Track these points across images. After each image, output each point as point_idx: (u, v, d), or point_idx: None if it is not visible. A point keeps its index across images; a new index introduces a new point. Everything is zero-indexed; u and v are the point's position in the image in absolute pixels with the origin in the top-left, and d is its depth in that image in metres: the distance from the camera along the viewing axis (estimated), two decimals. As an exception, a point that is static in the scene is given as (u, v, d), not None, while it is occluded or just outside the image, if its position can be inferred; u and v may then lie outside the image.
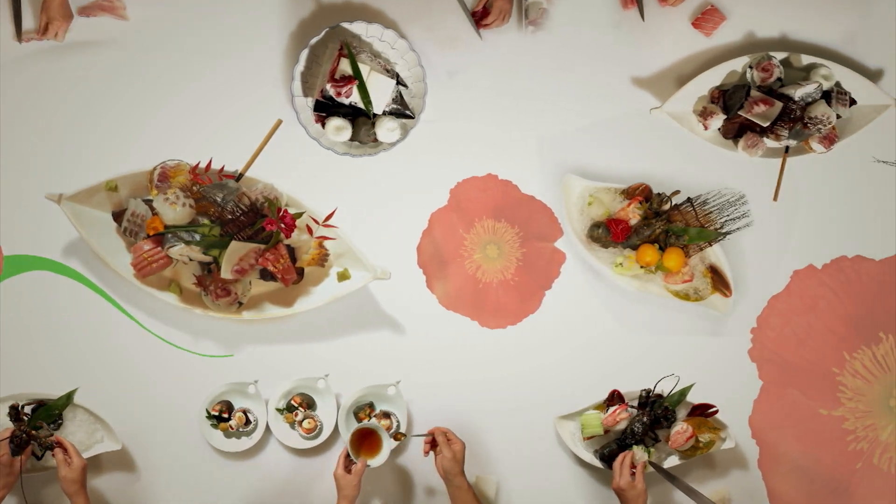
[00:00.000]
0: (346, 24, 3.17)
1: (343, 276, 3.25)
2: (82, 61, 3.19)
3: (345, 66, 3.14)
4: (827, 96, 3.16)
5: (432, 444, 3.09)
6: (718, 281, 3.23)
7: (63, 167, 3.20)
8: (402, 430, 3.22)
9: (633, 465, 3.05)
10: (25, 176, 3.19)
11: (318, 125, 3.21)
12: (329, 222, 3.15)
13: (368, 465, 3.06)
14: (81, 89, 3.21)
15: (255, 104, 3.24)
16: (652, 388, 3.21)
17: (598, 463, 3.21)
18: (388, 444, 3.08)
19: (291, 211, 3.12)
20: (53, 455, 3.02)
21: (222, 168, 3.16)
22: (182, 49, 3.23)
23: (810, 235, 3.29)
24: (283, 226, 3.09)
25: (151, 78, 3.24)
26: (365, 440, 3.12)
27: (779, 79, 3.17)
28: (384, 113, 3.19)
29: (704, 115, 3.18)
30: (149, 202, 3.13)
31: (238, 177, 3.17)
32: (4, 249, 3.19)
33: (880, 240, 3.29)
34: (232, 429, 3.24)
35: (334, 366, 3.27)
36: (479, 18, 3.11)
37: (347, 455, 3.05)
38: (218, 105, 3.24)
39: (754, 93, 3.13)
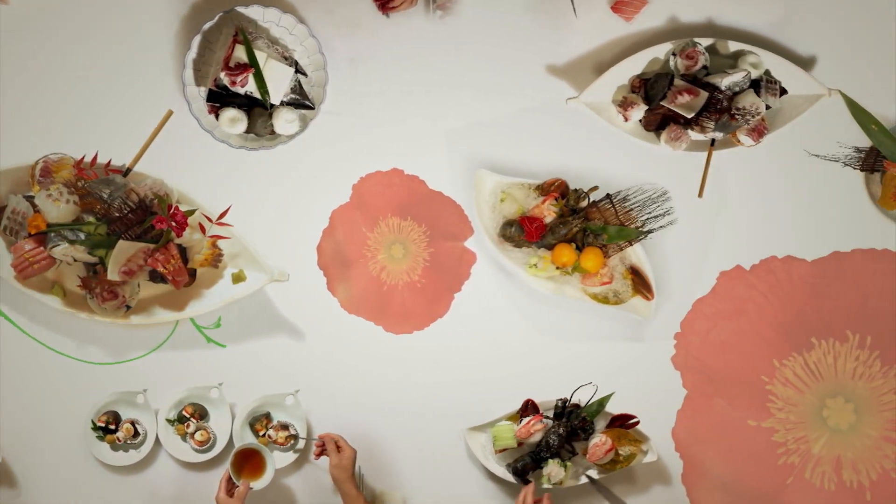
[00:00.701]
0: (241, 9, 3.09)
1: (238, 278, 3.17)
2: (-42, 47, 3.04)
3: (240, 54, 3.06)
4: (756, 85, 3.08)
5: (323, 448, 3.06)
6: (639, 283, 3.16)
7: (-63, 161, 3.03)
8: (300, 446, 3.18)
9: (535, 500, 2.97)
10: None
11: (212, 116, 3.13)
12: (223, 220, 3.08)
13: (251, 488, 2.99)
14: (-43, 77, 3.05)
15: (144, 94, 3.16)
16: (568, 398, 3.14)
17: (510, 477, 3.14)
18: (272, 465, 3.03)
19: (183, 208, 3.05)
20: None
21: (109, 162, 3.10)
22: (66, 33, 3.15)
23: (738, 234, 3.22)
24: (173, 224, 3.03)
25: (33, 65, 3.15)
26: (248, 461, 3.07)
27: (704, 67, 3.09)
28: (282, 103, 3.12)
29: (625, 105, 3.11)
30: (30, 199, 3.06)
31: (126, 171, 3.11)
32: None
33: (812, 239, 3.21)
34: (119, 441, 3.16)
35: (229, 374, 3.20)
36: (384, 1, 2.92)
37: (229, 478, 3.00)
38: (104, 95, 3.16)
39: (678, 82, 3.06)
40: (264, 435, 3.16)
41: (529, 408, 3.15)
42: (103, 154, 3.09)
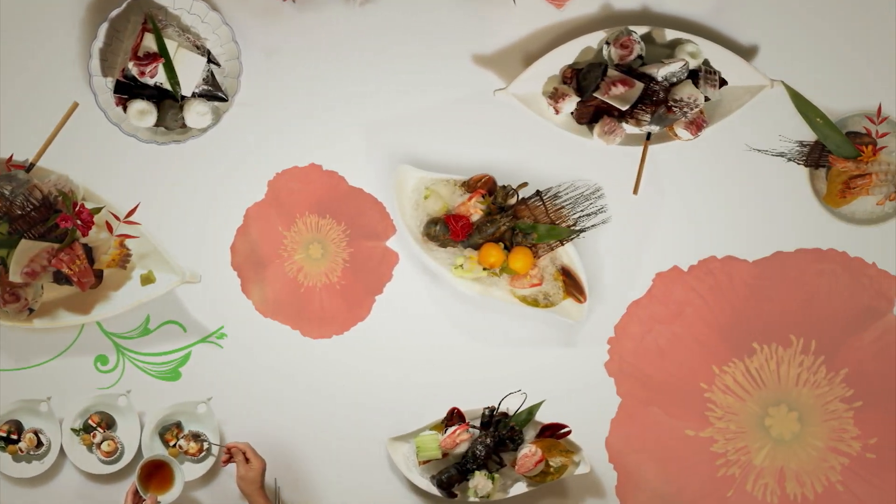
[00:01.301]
0: (150, -6, 2.99)
1: (147, 280, 3.11)
2: None
3: (149, 43, 3.01)
4: (694, 76, 3.03)
5: (231, 457, 3.01)
6: (571, 285, 3.11)
7: None
8: (214, 452, 3.13)
9: None
10: None
11: (119, 109, 3.07)
12: (131, 219, 3.04)
13: (159, 502, 2.95)
14: None
15: (48, 85, 3.10)
16: (496, 406, 3.08)
17: (434, 490, 3.08)
18: (181, 478, 2.99)
19: (89, 206, 3.00)
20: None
21: (10, 157, 3.04)
22: (-35, 21, 3.03)
23: (675, 233, 3.16)
24: (79, 222, 2.97)
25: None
26: (156, 473, 3.02)
27: (639, 56, 3.05)
28: (194, 95, 3.06)
29: (555, 97, 3.05)
30: (-73, 196, 2.96)
31: (28, 167, 3.05)
32: None
33: (754, 239, 3.16)
34: (21, 452, 3.10)
35: (137, 381, 3.15)
36: None
37: (136, 491, 2.95)
38: (5, 85, 3.09)
39: (612, 72, 3.01)
40: (175, 445, 3.10)
41: (455, 416, 3.09)
42: (4, 148, 3.05)
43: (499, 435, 3.07)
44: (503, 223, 3.08)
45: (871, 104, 3.12)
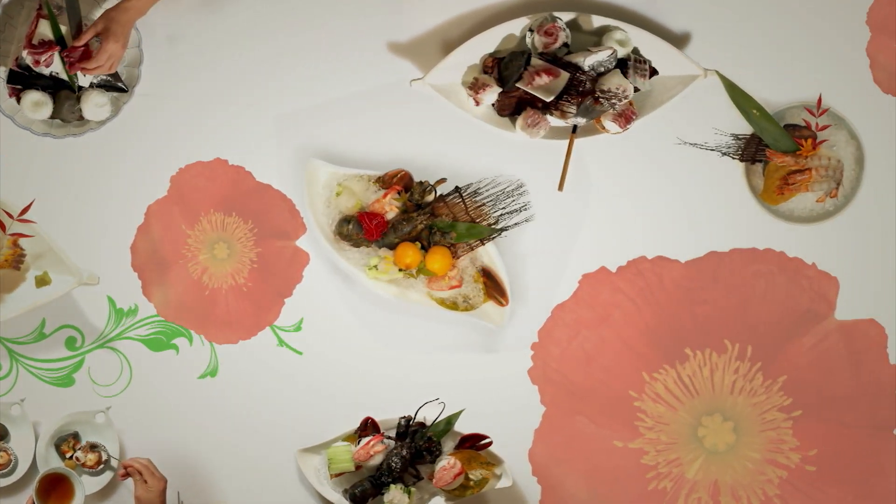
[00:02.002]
0: (45, -21, 2.98)
1: (42, 281, 3.06)
2: None
3: (44, 30, 2.97)
4: (622, 65, 3.00)
5: (129, 472, 2.96)
6: (492, 287, 3.07)
7: None
8: (114, 465, 3.08)
9: None
10: None
11: (13, 100, 3.04)
12: (25, 216, 3.02)
13: None
14: None
15: None
16: (413, 416, 3.05)
17: None
18: (81, 492, 2.94)
19: None
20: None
21: None
22: None
23: (603, 232, 3.13)
24: None
25: None
26: (55, 487, 2.97)
27: (565, 44, 3.02)
28: (91, 85, 3.03)
29: (476, 87, 3.02)
30: None
31: None
32: None
33: (686, 238, 3.12)
34: None
35: (32, 388, 3.10)
36: (74, 58, 2.92)
37: None
38: None
39: (535, 61, 2.98)
40: (72, 457, 3.05)
41: (369, 427, 3.05)
42: None
43: (415, 446, 3.03)
44: (420, 221, 3.04)
45: (811, 95, 3.08)
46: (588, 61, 2.98)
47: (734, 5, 3.09)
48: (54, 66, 2.97)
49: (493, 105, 3.05)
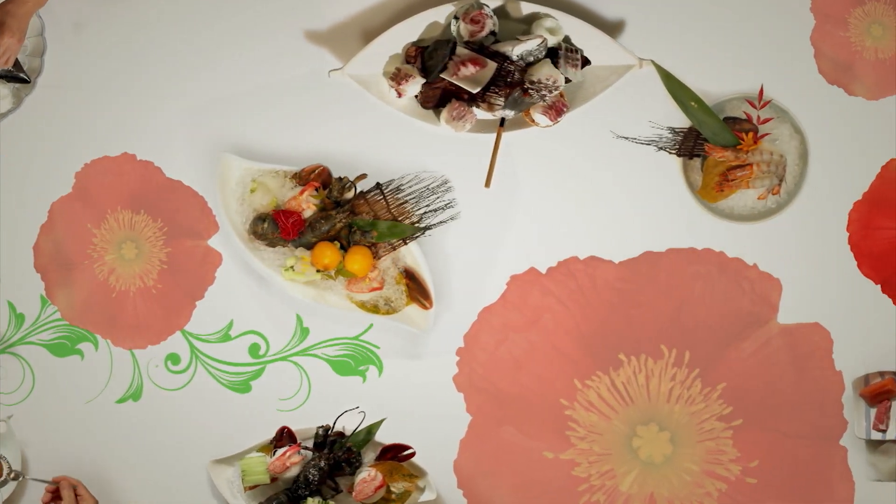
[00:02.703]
0: (-58, -37, 2.99)
1: None
2: None
3: None
4: (553, 55, 2.99)
5: (55, 495, 2.91)
6: (415, 289, 3.06)
7: None
8: (18, 479, 3.04)
9: None
10: None
11: None
12: None
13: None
14: None
15: None
16: (331, 425, 3.02)
17: None
18: None
19: None
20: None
21: None
22: None
23: (532, 231, 3.11)
24: None
25: None
26: None
27: (492, 33, 3.00)
28: None
29: (398, 78, 3.00)
30: None
31: None
32: None
33: (620, 237, 3.10)
34: None
35: None
36: None
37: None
38: None
39: (461, 50, 2.96)
40: None
41: (285, 437, 3.03)
42: None
43: (334, 457, 2.99)
44: (339, 220, 3.02)
45: (752, 86, 3.06)
46: (517, 50, 2.96)
47: (671, -8, 3.11)
48: (-49, 58, 2.97)
49: (416, 97, 3.04)
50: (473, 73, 2.94)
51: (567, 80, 2.97)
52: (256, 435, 3.04)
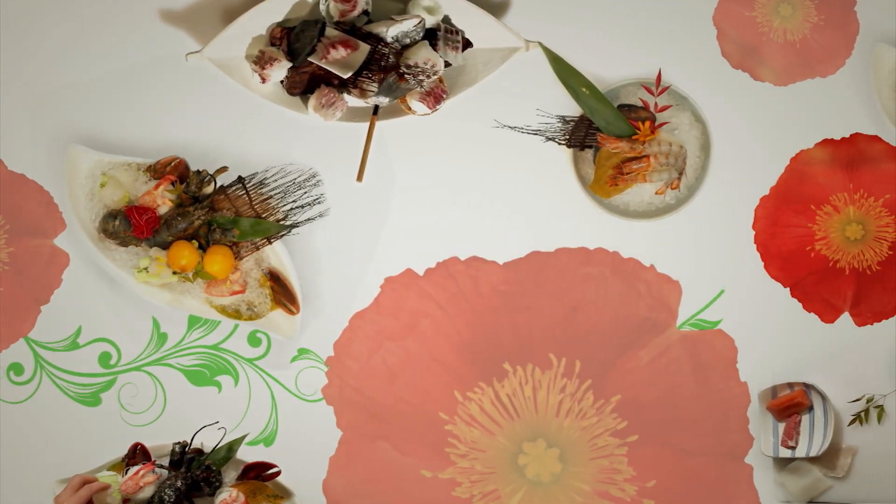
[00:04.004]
0: None
1: None
2: None
3: None
4: (431, 36, 3.03)
5: None
6: (281, 292, 3.09)
7: None
8: None
9: None
10: None
11: None
12: None
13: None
14: None
15: None
16: (189, 441, 3.03)
17: None
18: None
19: None
20: None
21: None
22: None
23: (409, 229, 3.15)
24: None
25: None
26: None
27: (365, 12, 3.04)
28: None
29: (262, 62, 3.02)
30: None
31: None
32: None
33: (505, 236, 3.14)
34: None
35: None
36: None
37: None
38: None
39: (331, 31, 3.00)
40: None
41: (138, 453, 3.03)
42: None
43: (192, 476, 3.01)
44: (197, 217, 3.05)
45: (649, 71, 3.11)
46: (391, 32, 3.00)
47: (560, -33, 3.20)
48: None
49: (281, 82, 3.08)
50: (344, 57, 2.98)
51: (447, 64, 3.02)
52: (107, 452, 3.07)
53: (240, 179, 3.06)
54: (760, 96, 3.11)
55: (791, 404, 3.08)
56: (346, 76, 2.98)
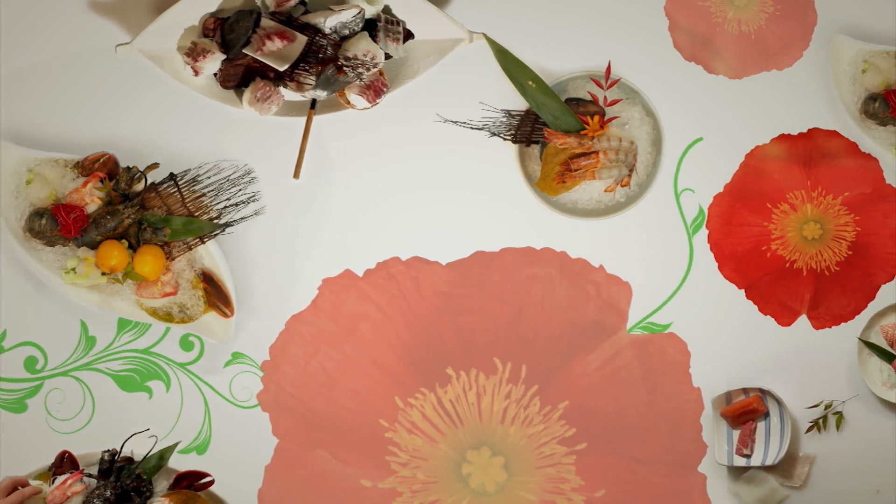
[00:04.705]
0: None
1: None
2: None
3: None
4: (371, 27, 3.05)
5: None
6: (214, 294, 3.11)
7: None
8: None
9: None
10: None
11: None
12: None
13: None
14: None
15: None
16: (118, 449, 3.04)
17: None
18: None
19: None
20: None
21: None
22: None
23: (348, 228, 3.17)
24: None
25: None
26: None
27: (302, 2, 3.07)
28: None
29: (194, 54, 3.05)
30: None
31: None
32: None
33: (448, 235, 3.17)
34: None
35: None
36: None
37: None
38: None
39: (266, 22, 3.02)
40: None
41: (66, 462, 3.04)
42: None
43: (122, 486, 3.02)
44: (127, 215, 3.06)
45: (598, 63, 3.13)
46: (329, 22, 3.02)
47: (505, -45, 3.26)
48: None
49: (215, 75, 3.10)
50: (280, 49, 3.00)
51: (387, 56, 3.05)
52: (33, 461, 3.06)
53: (172, 176, 3.07)
54: (714, 90, 3.14)
55: (746, 411, 3.11)
56: (282, 69, 3.00)
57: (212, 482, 3.04)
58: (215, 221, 3.07)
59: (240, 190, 3.11)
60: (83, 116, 3.12)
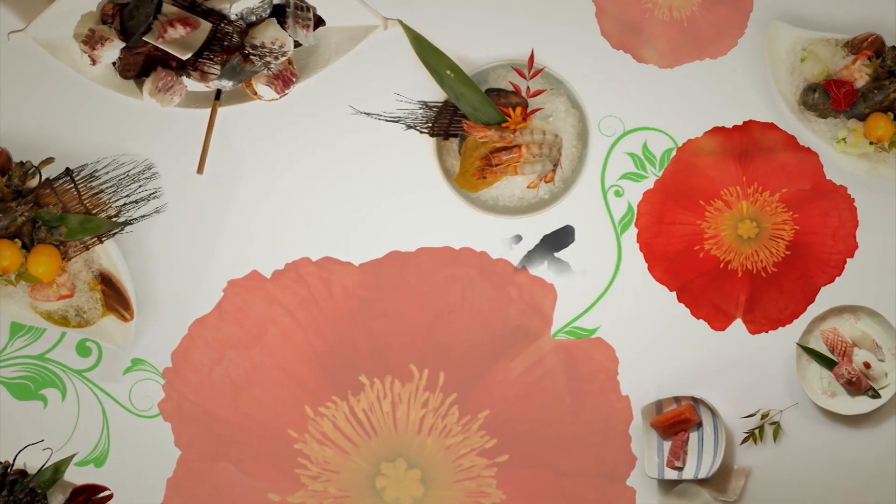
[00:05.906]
0: None
1: None
2: None
3: None
4: (280, 13, 3.10)
5: None
6: (113, 296, 3.15)
7: None
8: None
9: None
10: None
11: None
12: None
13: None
14: None
15: None
16: (11, 462, 3.09)
17: None
18: None
19: None
20: None
21: None
22: None
23: (254, 227, 3.21)
24: None
25: None
26: None
27: None
28: None
29: (92, 42, 3.08)
30: None
31: None
32: None
33: (361, 235, 3.20)
34: None
35: None
36: None
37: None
38: None
39: (168, 8, 3.07)
40: None
41: None
42: None
43: (14, 500, 3.08)
44: (20, 213, 3.10)
45: (521, 51, 3.18)
46: (235, 8, 3.08)
47: (422, -64, 3.36)
48: None
49: (114, 64, 3.15)
50: (183, 36, 3.04)
51: (296, 44, 3.10)
52: (-81, 474, 3.26)
53: (68, 172, 3.12)
54: (644, 79, 3.20)
55: (678, 421, 3.17)
56: (185, 57, 3.05)
57: (111, 496, 3.11)
58: (114, 219, 3.12)
59: (140, 186, 3.15)
60: (-27, 107, 3.31)
